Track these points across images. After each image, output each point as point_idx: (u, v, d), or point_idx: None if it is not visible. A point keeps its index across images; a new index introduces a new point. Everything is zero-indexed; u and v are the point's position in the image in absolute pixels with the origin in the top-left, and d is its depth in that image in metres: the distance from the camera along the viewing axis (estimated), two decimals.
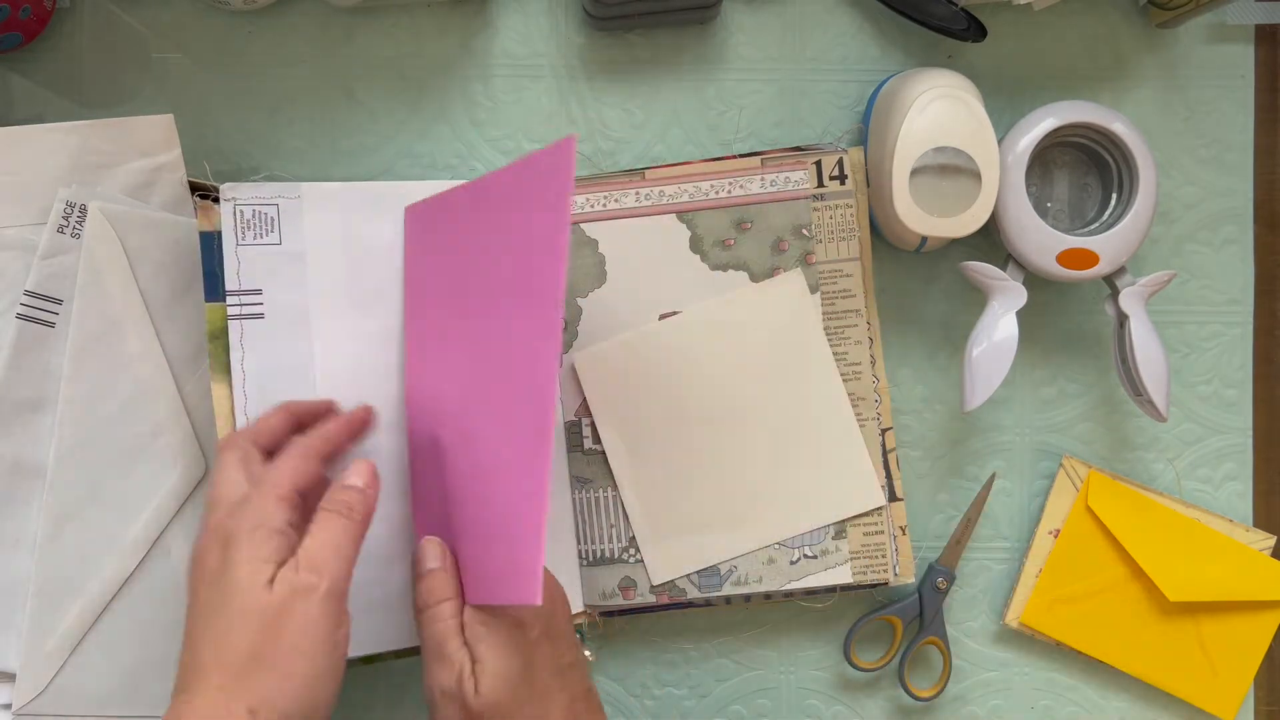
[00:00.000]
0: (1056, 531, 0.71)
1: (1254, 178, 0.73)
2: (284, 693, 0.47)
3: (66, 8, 0.70)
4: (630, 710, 0.72)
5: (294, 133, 0.71)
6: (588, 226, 0.68)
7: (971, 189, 0.63)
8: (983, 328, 0.66)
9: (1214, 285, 0.73)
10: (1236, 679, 0.71)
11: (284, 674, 0.47)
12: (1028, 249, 0.66)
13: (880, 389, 0.69)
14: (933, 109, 0.63)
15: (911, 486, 0.72)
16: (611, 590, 0.68)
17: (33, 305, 0.62)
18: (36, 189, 0.62)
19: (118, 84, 0.70)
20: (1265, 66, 0.73)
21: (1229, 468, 0.73)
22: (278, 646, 0.47)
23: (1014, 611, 0.71)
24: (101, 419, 0.62)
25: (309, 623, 0.48)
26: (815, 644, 0.72)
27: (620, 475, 0.68)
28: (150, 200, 0.64)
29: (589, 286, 0.68)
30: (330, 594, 0.49)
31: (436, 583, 0.55)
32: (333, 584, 0.49)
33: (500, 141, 0.71)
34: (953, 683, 0.72)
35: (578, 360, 0.68)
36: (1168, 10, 0.70)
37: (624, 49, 0.72)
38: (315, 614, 0.48)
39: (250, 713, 0.46)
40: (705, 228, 0.68)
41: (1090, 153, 0.69)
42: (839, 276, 0.69)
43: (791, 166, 0.68)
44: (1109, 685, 0.73)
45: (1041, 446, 0.73)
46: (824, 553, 0.68)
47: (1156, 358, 0.66)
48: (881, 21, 0.72)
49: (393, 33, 0.71)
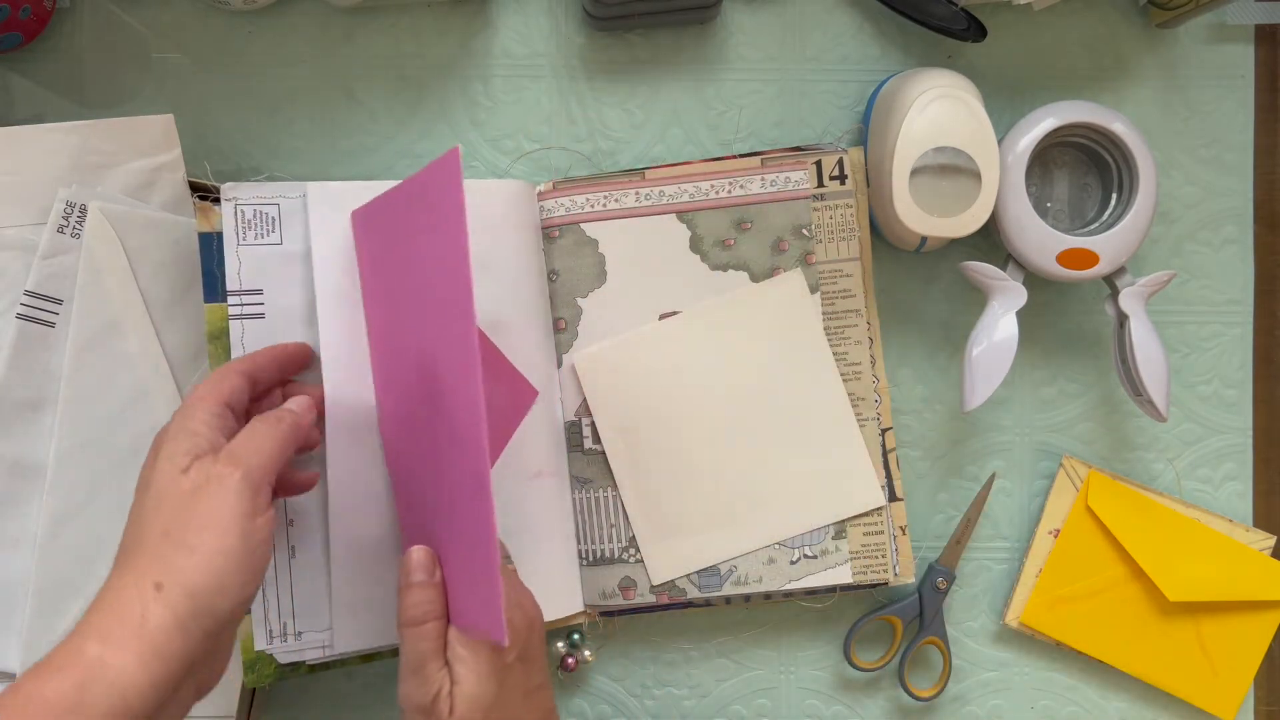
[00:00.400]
0: (1056, 531, 0.71)
1: (1254, 178, 0.73)
2: (189, 567, 0.47)
3: (66, 8, 0.70)
4: (630, 710, 0.72)
5: (294, 133, 0.71)
6: (588, 226, 0.68)
7: (971, 189, 0.63)
8: (983, 328, 0.66)
9: (1214, 285, 0.73)
10: (1236, 679, 0.71)
11: (189, 549, 0.47)
12: (1028, 249, 0.66)
13: (880, 389, 0.69)
14: (933, 109, 0.63)
15: (911, 486, 0.72)
16: (611, 590, 0.68)
17: (33, 305, 0.62)
18: (37, 189, 0.62)
19: (118, 84, 0.70)
20: (1265, 66, 0.73)
21: (1229, 468, 0.73)
22: (187, 525, 0.48)
23: (1014, 611, 0.71)
24: (101, 419, 0.62)
25: (219, 503, 0.49)
26: (815, 644, 0.72)
27: (620, 475, 0.68)
28: (150, 200, 0.64)
29: (589, 286, 0.68)
30: (245, 481, 0.50)
31: (424, 598, 0.55)
32: (247, 473, 0.50)
33: (500, 141, 0.71)
34: (953, 683, 0.72)
35: (578, 360, 0.68)
36: (1168, 10, 0.70)
37: (624, 49, 0.72)
38: (227, 496, 0.49)
39: (156, 586, 0.46)
40: (705, 228, 0.68)
41: (1090, 153, 0.69)
42: (839, 276, 0.69)
43: (791, 166, 0.68)
44: (1109, 685, 0.73)
45: (1041, 446, 0.73)
46: (824, 553, 0.68)
47: (1156, 358, 0.66)
48: (881, 21, 0.72)
49: (393, 33, 0.71)
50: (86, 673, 0.43)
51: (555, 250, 0.68)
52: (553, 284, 0.69)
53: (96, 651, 0.44)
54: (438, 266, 0.54)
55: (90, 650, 0.44)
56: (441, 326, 0.54)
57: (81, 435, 0.62)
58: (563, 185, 0.68)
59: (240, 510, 0.49)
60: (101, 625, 0.45)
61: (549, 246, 0.68)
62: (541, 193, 0.68)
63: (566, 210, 0.68)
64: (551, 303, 0.69)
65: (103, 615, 0.46)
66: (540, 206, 0.68)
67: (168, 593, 0.46)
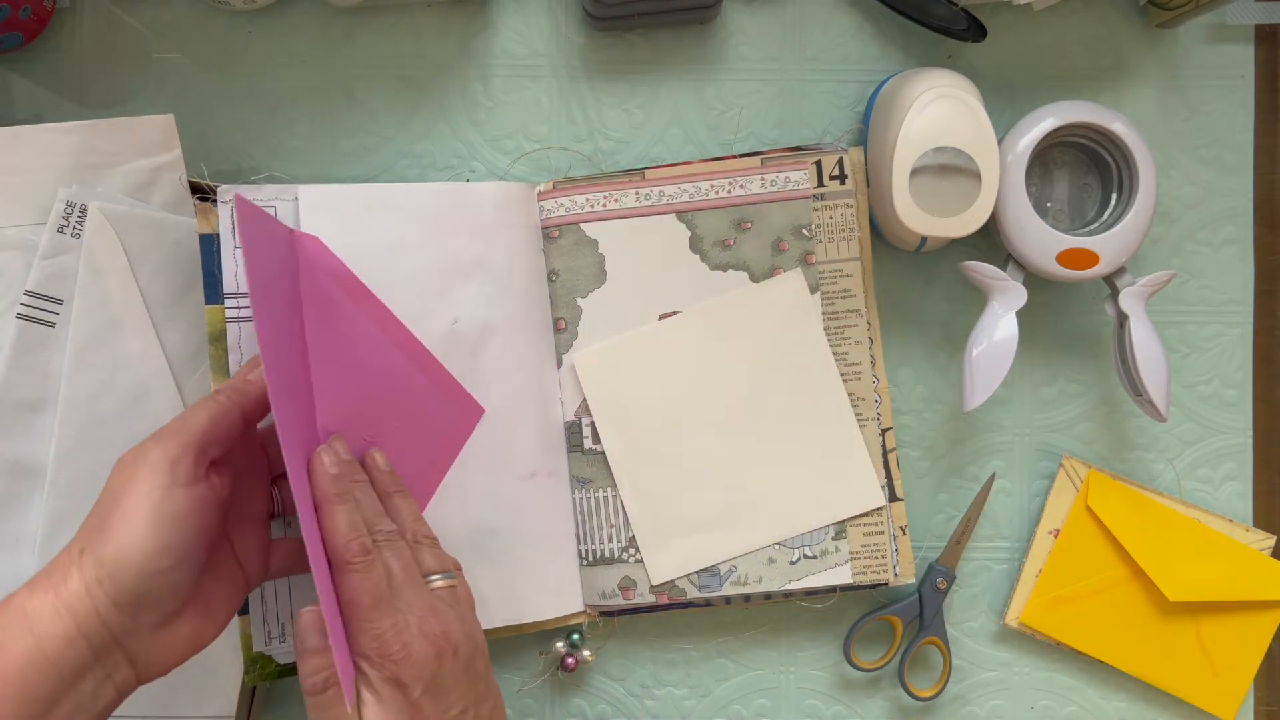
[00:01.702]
0: (1056, 531, 0.71)
1: (1254, 178, 0.73)
2: (100, 536, 0.50)
3: (66, 8, 0.70)
4: (630, 710, 0.72)
5: (294, 133, 0.71)
6: (587, 227, 0.68)
7: (971, 189, 0.63)
8: (983, 328, 0.66)
9: (1214, 285, 0.73)
10: (1236, 679, 0.71)
11: (102, 518, 0.50)
12: (1028, 249, 0.66)
13: (880, 389, 0.69)
14: (933, 109, 0.63)
15: (911, 486, 0.72)
16: (611, 590, 0.68)
17: (33, 305, 0.62)
18: (37, 189, 0.62)
19: (118, 84, 0.70)
20: (1265, 66, 0.73)
21: (1229, 468, 0.73)
22: (107, 495, 0.51)
23: (1014, 611, 0.71)
24: (101, 419, 0.62)
25: (133, 474, 0.51)
26: (815, 644, 0.72)
27: (620, 475, 0.68)
28: (150, 200, 0.64)
29: (589, 287, 0.68)
30: (163, 453, 0.51)
31: (320, 664, 0.52)
32: (166, 446, 0.51)
33: (500, 141, 0.71)
34: (953, 683, 0.72)
35: (577, 360, 0.68)
36: (1168, 10, 0.70)
37: (624, 49, 0.72)
38: (141, 467, 0.51)
39: (80, 551, 0.50)
40: (705, 228, 0.68)
41: (1090, 153, 0.69)
42: (839, 276, 0.69)
43: (791, 166, 0.68)
44: (1109, 685, 0.73)
45: (1041, 446, 0.73)
46: (824, 553, 0.68)
47: (1156, 358, 0.66)
48: (881, 21, 0.72)
49: (393, 33, 0.71)
50: (9, 616, 0.49)
51: (555, 250, 0.68)
52: (552, 284, 0.69)
53: (22, 599, 0.49)
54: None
55: (18, 598, 0.49)
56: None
57: (81, 435, 0.62)
58: (562, 185, 0.68)
59: (155, 482, 0.50)
60: (36, 580, 0.50)
61: (549, 247, 0.68)
62: (541, 193, 0.68)
63: (566, 210, 0.68)
64: (551, 303, 0.69)
65: (42, 573, 0.50)
66: (540, 207, 0.68)
67: (84, 557, 0.49)
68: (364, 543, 0.53)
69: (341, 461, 0.56)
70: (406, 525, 0.57)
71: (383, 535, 0.55)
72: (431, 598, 0.54)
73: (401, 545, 0.55)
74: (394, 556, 0.54)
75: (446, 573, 0.56)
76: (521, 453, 0.67)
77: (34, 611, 0.48)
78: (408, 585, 0.53)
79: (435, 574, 0.56)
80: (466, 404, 0.66)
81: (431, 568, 0.56)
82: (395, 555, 0.54)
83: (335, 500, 0.54)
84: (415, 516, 0.58)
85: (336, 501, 0.54)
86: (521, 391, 0.67)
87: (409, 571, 0.54)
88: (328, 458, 0.55)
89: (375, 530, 0.54)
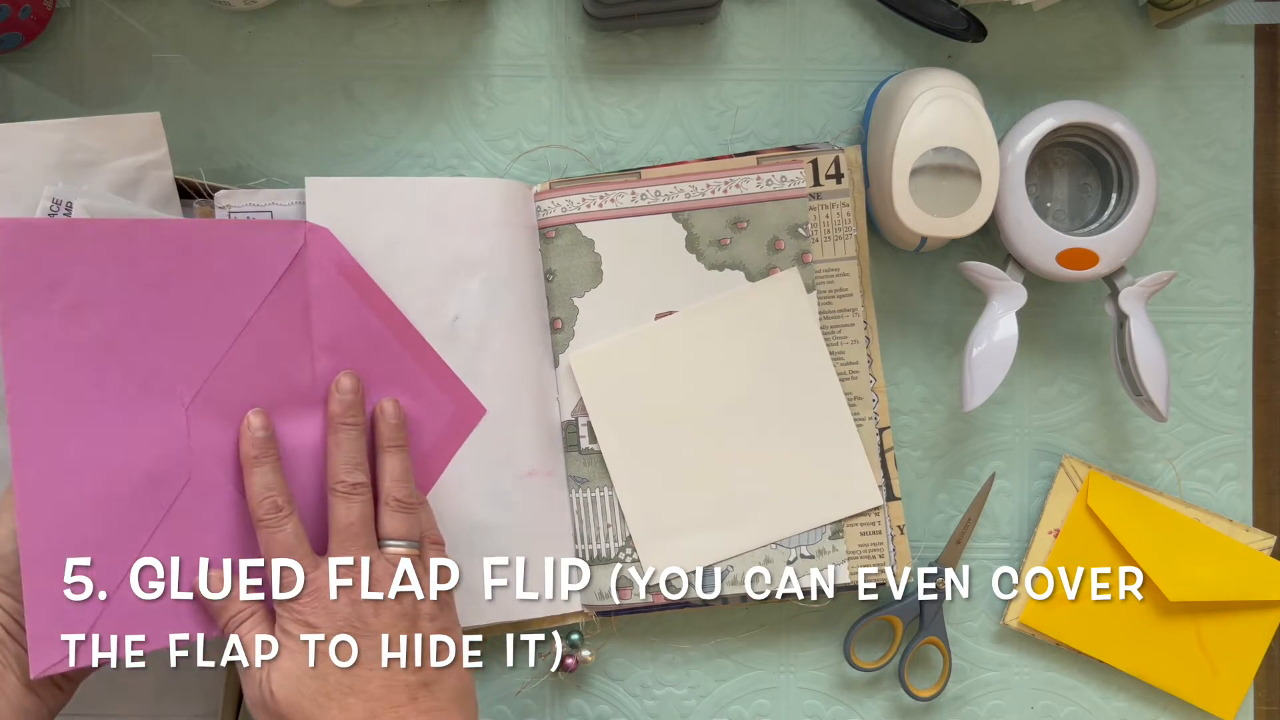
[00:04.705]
0: (1056, 531, 0.71)
1: (1254, 178, 0.73)
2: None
3: (66, 8, 0.70)
4: (630, 710, 0.72)
5: (293, 133, 0.71)
6: (584, 226, 0.68)
7: (971, 189, 0.63)
8: (983, 328, 0.66)
9: (1214, 285, 0.73)
10: (1236, 679, 0.71)
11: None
12: (1028, 249, 0.66)
13: (877, 388, 0.69)
14: (933, 109, 0.63)
15: (911, 486, 0.72)
16: (608, 590, 0.68)
17: None
18: (23, 186, 0.61)
19: (118, 84, 0.70)
20: (1265, 66, 0.73)
21: (1229, 468, 0.73)
22: None
23: (1014, 611, 0.71)
24: None
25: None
26: (815, 644, 0.72)
27: (617, 475, 0.68)
28: (137, 198, 0.63)
29: (585, 286, 0.68)
30: None
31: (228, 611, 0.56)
32: None
33: (500, 141, 0.71)
34: (953, 683, 0.72)
35: (574, 360, 0.68)
36: (1168, 10, 0.70)
37: (624, 49, 0.72)
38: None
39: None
40: (701, 227, 0.68)
41: (1090, 153, 0.69)
42: (836, 276, 0.69)
43: (788, 165, 0.68)
44: (1109, 685, 0.72)
45: (1041, 446, 0.73)
46: (821, 552, 0.68)
47: (1156, 358, 0.66)
48: (881, 21, 0.72)
49: (393, 33, 0.71)
50: None
51: (552, 250, 0.68)
52: (549, 284, 0.69)
53: None
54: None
55: None
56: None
57: None
58: (559, 185, 0.68)
59: None
60: None
61: (545, 246, 0.68)
62: (538, 193, 0.69)
63: (563, 210, 0.68)
64: (548, 302, 0.69)
65: None
66: (537, 206, 0.68)
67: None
68: (275, 501, 0.56)
69: (266, 426, 0.58)
70: (383, 484, 0.59)
71: (344, 486, 0.57)
72: (373, 552, 0.56)
73: (359, 500, 0.57)
74: (345, 510, 0.57)
75: (409, 541, 0.58)
76: (519, 451, 0.67)
77: None
78: (349, 540, 0.56)
79: (394, 539, 0.57)
80: (468, 402, 0.66)
81: (390, 532, 0.58)
82: (347, 509, 0.57)
83: (253, 463, 0.57)
84: (397, 477, 0.59)
85: (254, 465, 0.57)
86: (520, 390, 0.67)
87: (353, 529, 0.56)
88: (256, 420, 0.58)
89: (338, 481, 0.57)
